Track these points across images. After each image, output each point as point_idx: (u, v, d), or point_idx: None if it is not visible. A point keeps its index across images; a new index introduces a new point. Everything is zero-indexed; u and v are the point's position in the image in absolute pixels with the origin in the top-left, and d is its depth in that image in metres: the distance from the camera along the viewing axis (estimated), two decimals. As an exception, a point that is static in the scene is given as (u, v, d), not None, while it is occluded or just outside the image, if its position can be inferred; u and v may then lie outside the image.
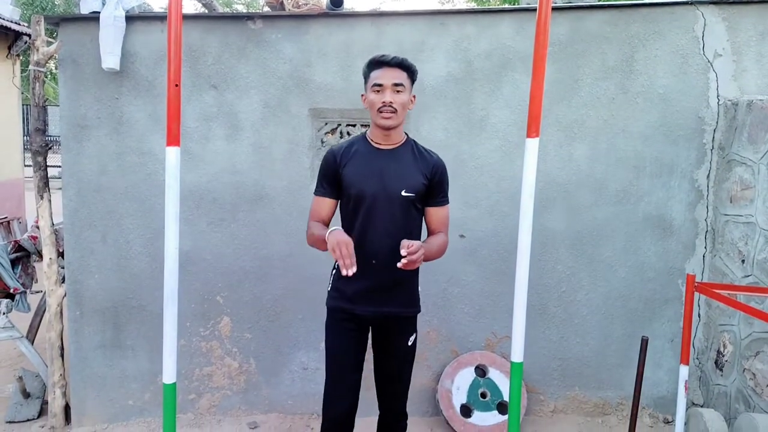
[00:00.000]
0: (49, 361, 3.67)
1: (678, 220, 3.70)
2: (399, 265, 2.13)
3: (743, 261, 3.34)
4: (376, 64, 2.36)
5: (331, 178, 2.45)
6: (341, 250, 2.12)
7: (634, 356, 3.23)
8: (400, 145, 2.44)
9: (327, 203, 2.47)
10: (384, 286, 2.40)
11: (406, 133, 2.49)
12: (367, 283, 2.39)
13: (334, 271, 2.54)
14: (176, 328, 2.05)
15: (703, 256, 3.72)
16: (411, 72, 2.38)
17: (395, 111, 2.31)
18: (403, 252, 2.12)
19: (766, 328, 3.12)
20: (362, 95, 2.43)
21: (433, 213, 2.47)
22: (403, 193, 2.35)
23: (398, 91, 2.31)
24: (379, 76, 2.33)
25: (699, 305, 3.74)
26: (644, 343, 2.88)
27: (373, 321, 2.48)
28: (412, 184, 2.37)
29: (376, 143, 2.43)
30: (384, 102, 2.30)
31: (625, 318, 3.78)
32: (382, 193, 2.35)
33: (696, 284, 2.73)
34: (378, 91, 2.32)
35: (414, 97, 2.43)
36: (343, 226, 2.43)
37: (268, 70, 3.56)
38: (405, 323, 2.51)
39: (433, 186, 2.42)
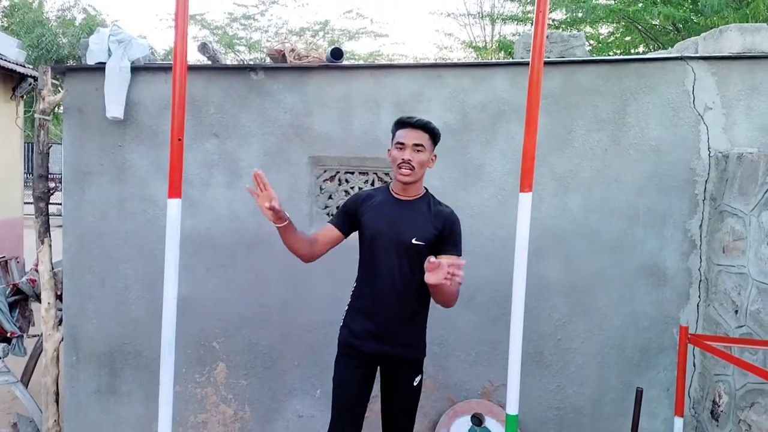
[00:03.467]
0: (44, 406, 3.65)
1: (672, 269, 3.73)
2: (431, 277, 2.18)
3: (736, 311, 3.37)
4: (401, 124, 2.59)
5: (346, 214, 2.66)
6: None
7: (631, 405, 3.22)
8: (417, 198, 2.64)
9: (330, 229, 2.65)
10: (390, 327, 2.56)
11: (425, 188, 2.68)
12: (374, 323, 2.56)
13: (347, 308, 2.70)
14: (173, 378, 2.07)
15: (697, 306, 3.74)
16: (433, 134, 2.60)
17: (413, 168, 2.51)
18: (450, 269, 2.14)
19: (761, 380, 3.13)
20: (388, 150, 2.65)
21: None
22: (414, 241, 2.51)
23: (418, 150, 2.52)
24: (403, 135, 2.55)
25: (694, 354, 3.74)
26: (639, 395, 2.89)
27: (379, 359, 2.62)
28: (423, 233, 2.53)
29: (396, 194, 2.64)
30: (403, 159, 2.51)
31: (621, 367, 3.78)
32: (394, 238, 2.53)
33: (689, 336, 2.75)
34: (400, 148, 2.54)
35: (435, 156, 2.64)
36: (359, 268, 2.67)
37: (269, 120, 3.64)
38: (410, 365, 2.64)
39: (444, 237, 2.57)
